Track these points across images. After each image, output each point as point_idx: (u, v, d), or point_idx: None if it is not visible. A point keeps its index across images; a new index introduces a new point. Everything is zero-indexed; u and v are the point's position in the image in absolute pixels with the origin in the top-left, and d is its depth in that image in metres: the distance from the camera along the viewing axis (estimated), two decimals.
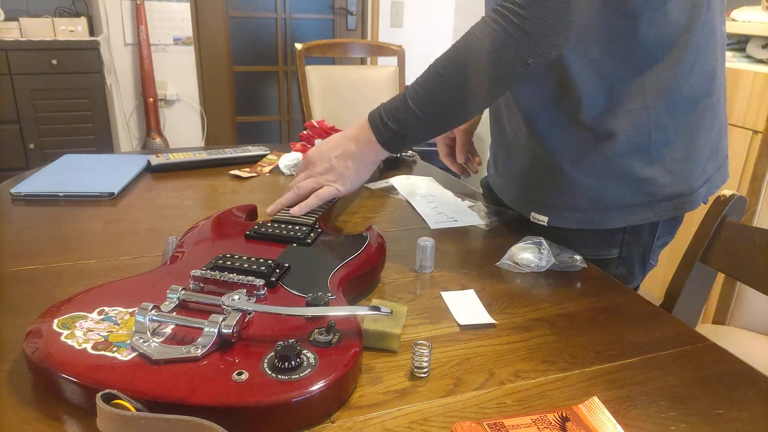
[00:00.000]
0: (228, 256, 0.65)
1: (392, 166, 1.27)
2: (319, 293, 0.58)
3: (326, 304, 0.56)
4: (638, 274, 0.88)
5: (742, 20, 2.03)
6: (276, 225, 0.76)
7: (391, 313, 0.56)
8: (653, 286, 2.57)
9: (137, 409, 0.43)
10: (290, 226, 0.76)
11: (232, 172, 1.17)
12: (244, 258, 0.65)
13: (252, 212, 0.87)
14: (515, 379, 0.55)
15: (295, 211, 0.79)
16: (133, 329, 0.51)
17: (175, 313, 0.54)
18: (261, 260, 0.64)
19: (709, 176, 0.82)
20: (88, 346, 0.49)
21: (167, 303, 0.55)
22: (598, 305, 0.70)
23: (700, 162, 0.80)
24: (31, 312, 0.55)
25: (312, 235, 0.74)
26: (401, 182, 1.14)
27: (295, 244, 0.72)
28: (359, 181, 0.83)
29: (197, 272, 0.60)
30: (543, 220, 0.87)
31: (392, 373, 0.55)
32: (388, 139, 0.78)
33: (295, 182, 0.86)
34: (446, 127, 0.81)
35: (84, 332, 0.51)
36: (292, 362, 0.48)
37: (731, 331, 1.16)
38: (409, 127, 0.76)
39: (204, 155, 1.21)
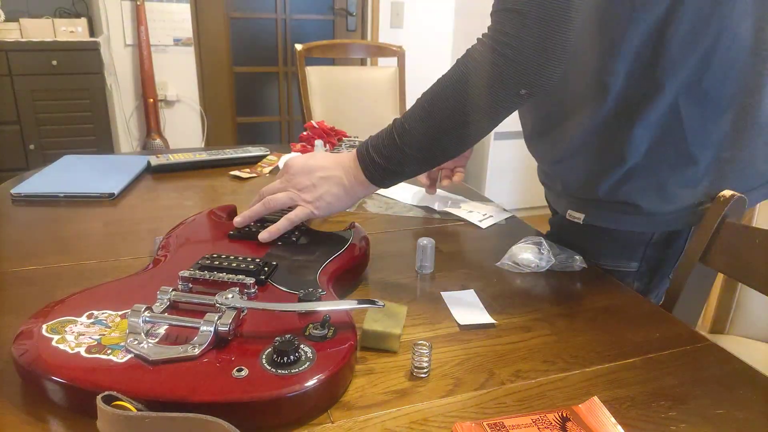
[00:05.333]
0: (215, 256, 0.66)
1: None
2: (311, 289, 0.58)
3: (318, 300, 0.57)
4: (653, 289, 0.87)
5: None
6: (260, 224, 0.76)
7: (384, 306, 0.56)
8: None
9: (138, 410, 0.43)
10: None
11: (233, 172, 1.17)
12: (232, 257, 0.65)
13: (232, 212, 0.87)
14: (515, 379, 0.55)
15: (264, 237, 0.72)
16: (127, 331, 0.51)
17: (167, 314, 0.54)
18: (249, 259, 0.65)
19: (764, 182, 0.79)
20: (81, 350, 0.49)
21: (158, 304, 0.55)
22: (598, 305, 0.70)
23: (752, 164, 0.77)
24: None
25: (297, 233, 0.75)
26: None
27: (280, 243, 0.73)
28: (337, 209, 0.77)
29: (185, 273, 0.60)
30: (579, 217, 0.83)
31: (392, 373, 0.55)
32: (375, 175, 0.73)
33: (267, 190, 0.78)
34: (436, 163, 0.75)
35: (75, 336, 0.51)
36: (291, 357, 0.48)
37: (731, 339, 1.16)
38: (397, 164, 0.71)
39: (204, 156, 1.21)
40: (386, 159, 0.71)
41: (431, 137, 0.69)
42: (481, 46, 0.65)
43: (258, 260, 0.65)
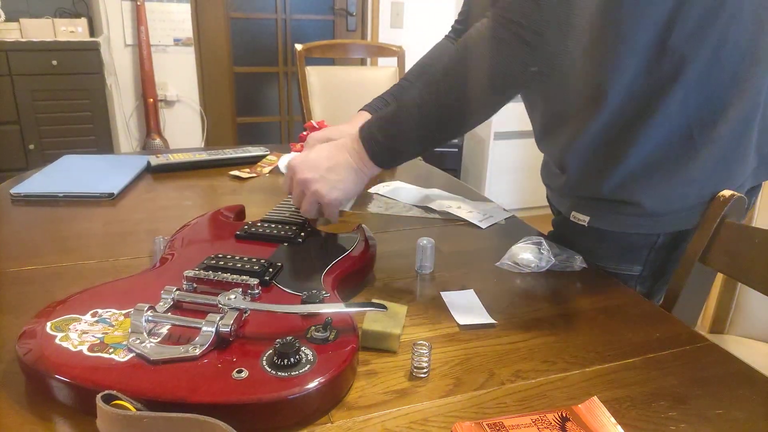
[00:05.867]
0: (220, 256, 0.65)
1: None
2: (314, 291, 0.58)
3: (321, 302, 0.56)
4: (655, 293, 0.87)
5: None
6: (266, 225, 0.76)
7: (387, 309, 0.56)
8: None
9: (138, 410, 0.43)
10: (281, 226, 0.76)
11: (232, 172, 1.17)
12: (237, 258, 0.65)
13: (240, 213, 0.87)
14: (515, 379, 0.55)
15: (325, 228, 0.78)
16: (129, 330, 0.51)
17: (170, 314, 0.54)
18: (254, 259, 0.65)
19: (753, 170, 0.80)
20: (84, 348, 0.49)
21: (162, 304, 0.55)
22: (598, 305, 0.70)
23: (748, 155, 0.78)
24: (30, 312, 0.55)
25: (302, 234, 0.75)
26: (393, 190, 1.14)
27: (286, 244, 0.72)
28: (354, 193, 0.77)
29: (190, 272, 0.60)
30: (584, 220, 0.84)
31: (392, 373, 0.55)
32: (380, 155, 0.73)
33: (294, 200, 0.77)
34: (440, 142, 0.74)
35: (79, 334, 0.51)
36: (292, 359, 0.48)
37: (731, 339, 1.16)
38: (402, 143, 0.72)
39: (204, 156, 1.21)
40: (391, 139, 0.72)
41: (441, 114, 0.70)
42: (493, 29, 0.66)
43: (263, 261, 0.65)
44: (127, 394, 0.44)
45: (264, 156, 1.27)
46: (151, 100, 3.01)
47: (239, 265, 0.63)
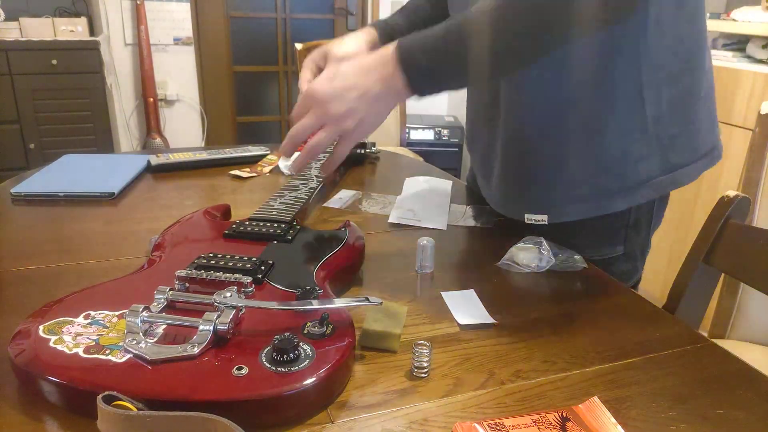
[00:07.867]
0: (210, 255, 0.65)
1: (355, 162, 1.27)
2: (308, 287, 0.58)
3: (316, 298, 0.57)
4: (640, 267, 0.88)
5: (742, 20, 2.03)
6: (255, 223, 0.77)
7: (381, 303, 0.56)
8: (653, 286, 2.56)
9: (139, 410, 0.43)
10: (269, 224, 0.76)
11: (232, 172, 1.17)
12: (228, 257, 0.65)
13: (226, 211, 0.87)
14: (515, 379, 0.55)
15: (326, 170, 0.73)
16: (125, 331, 0.51)
17: (164, 314, 0.54)
18: (245, 258, 0.65)
19: (709, 149, 0.81)
20: (80, 351, 0.49)
21: (155, 304, 0.55)
22: (598, 305, 0.70)
23: (697, 134, 0.79)
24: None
25: (291, 232, 0.75)
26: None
27: (275, 242, 0.73)
28: (379, 125, 0.71)
29: (182, 272, 0.60)
30: (542, 219, 0.83)
31: (392, 373, 0.55)
32: (419, 81, 0.67)
33: (300, 131, 0.69)
34: (490, 73, 0.69)
35: (73, 337, 0.51)
36: (291, 355, 0.48)
37: (731, 344, 1.16)
38: (445, 73, 0.66)
39: (204, 155, 1.21)
40: (436, 62, 0.66)
41: (497, 46, 0.64)
42: None
43: (254, 259, 0.65)
44: (127, 394, 0.44)
45: (264, 155, 1.27)
46: (151, 99, 3.01)
47: (231, 264, 0.63)
